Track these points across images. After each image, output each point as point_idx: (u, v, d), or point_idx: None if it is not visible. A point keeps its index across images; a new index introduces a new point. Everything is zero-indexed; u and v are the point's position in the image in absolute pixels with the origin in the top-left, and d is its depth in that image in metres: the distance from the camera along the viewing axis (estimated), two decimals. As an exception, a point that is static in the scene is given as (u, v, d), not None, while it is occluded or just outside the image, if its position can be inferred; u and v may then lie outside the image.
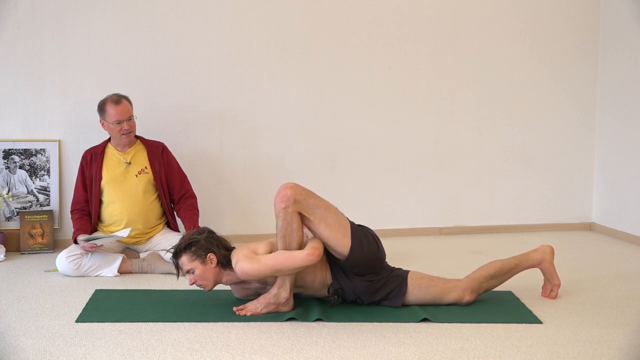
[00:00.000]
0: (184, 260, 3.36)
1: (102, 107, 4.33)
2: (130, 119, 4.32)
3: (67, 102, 4.79)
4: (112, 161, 4.38)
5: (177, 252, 3.38)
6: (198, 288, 3.53)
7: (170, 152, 4.53)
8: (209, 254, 3.36)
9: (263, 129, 5.07)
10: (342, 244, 3.36)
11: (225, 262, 3.37)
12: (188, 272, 3.38)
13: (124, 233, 4.13)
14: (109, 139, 4.44)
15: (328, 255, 3.47)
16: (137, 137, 4.48)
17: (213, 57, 4.95)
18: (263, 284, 3.46)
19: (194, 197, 4.52)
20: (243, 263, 3.30)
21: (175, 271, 3.46)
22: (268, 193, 4.65)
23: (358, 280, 3.44)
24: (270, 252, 3.35)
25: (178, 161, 4.58)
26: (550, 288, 3.64)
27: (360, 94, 5.18)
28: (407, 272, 3.52)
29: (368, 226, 3.58)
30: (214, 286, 3.42)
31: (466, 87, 5.32)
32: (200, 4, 4.91)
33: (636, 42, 5.01)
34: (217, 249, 3.37)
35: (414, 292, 3.45)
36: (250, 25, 4.99)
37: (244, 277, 3.33)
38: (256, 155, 5.08)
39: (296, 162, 5.13)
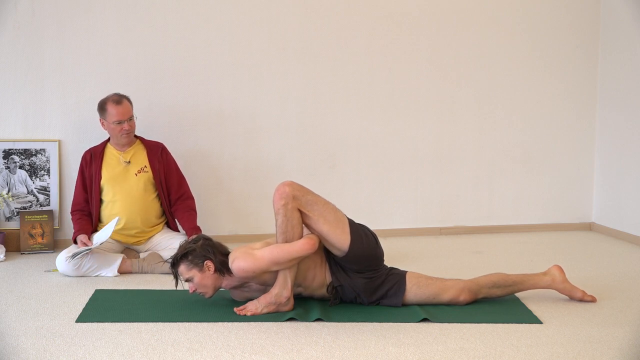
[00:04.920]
0: (182, 269, 3.37)
1: (102, 107, 4.32)
2: (130, 119, 4.33)
3: (67, 102, 4.79)
4: (112, 160, 4.38)
5: (175, 262, 3.39)
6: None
7: (169, 153, 4.53)
8: (205, 262, 3.35)
9: (263, 129, 5.07)
10: (341, 240, 3.37)
11: (223, 268, 3.37)
12: (187, 280, 3.39)
13: (111, 225, 4.09)
14: (109, 139, 4.44)
15: (327, 253, 3.48)
16: (136, 137, 4.49)
17: (213, 57, 4.95)
18: (263, 285, 3.46)
19: (191, 198, 4.53)
20: (239, 260, 3.31)
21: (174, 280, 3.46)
22: (268, 193, 4.63)
23: (357, 278, 3.45)
24: None
25: (178, 161, 4.59)
26: (580, 299, 3.60)
27: (360, 94, 5.18)
28: (405, 271, 3.54)
29: (367, 226, 3.59)
30: (214, 292, 3.43)
31: (466, 87, 5.32)
32: (200, 4, 4.91)
33: (636, 42, 5.01)
34: (214, 255, 3.37)
35: (413, 289, 3.46)
36: (251, 25, 4.99)
37: (242, 274, 3.33)
38: (256, 155, 5.08)
39: (296, 162, 5.13)
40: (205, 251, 3.37)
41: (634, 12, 5.02)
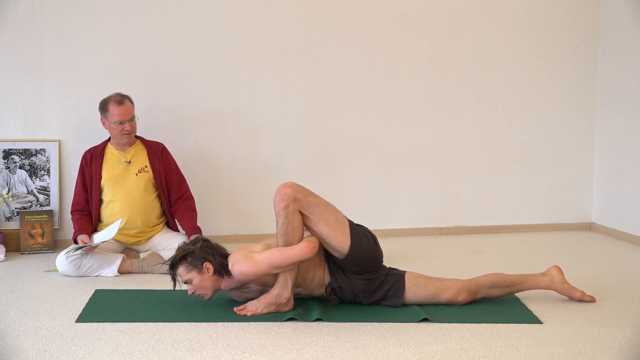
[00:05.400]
0: (181, 271, 3.37)
1: (104, 107, 4.32)
2: (132, 119, 4.33)
3: (67, 102, 4.79)
4: (112, 160, 4.38)
5: (173, 264, 3.38)
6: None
7: (170, 153, 4.53)
8: (205, 263, 3.35)
9: (263, 129, 5.07)
10: (341, 242, 3.37)
11: (222, 270, 3.37)
12: (186, 282, 3.38)
13: (115, 226, 4.10)
14: (109, 139, 4.44)
15: (326, 254, 3.48)
16: (137, 137, 4.48)
17: (213, 57, 4.95)
18: (262, 286, 3.46)
19: (191, 198, 4.52)
20: (240, 264, 3.30)
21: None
22: (268, 193, 4.64)
23: (356, 279, 3.45)
24: None
25: (178, 161, 4.59)
26: (579, 300, 3.60)
27: (360, 94, 5.18)
28: (403, 272, 3.54)
29: (367, 226, 3.59)
30: (213, 294, 3.43)
31: (466, 87, 5.32)
32: (200, 4, 4.91)
33: (636, 42, 5.01)
34: (213, 257, 3.37)
35: (412, 290, 3.46)
36: (251, 25, 4.99)
37: (242, 277, 3.33)
38: (256, 155, 5.08)
39: (296, 162, 5.13)
40: (204, 253, 3.37)
41: (634, 12, 5.02)
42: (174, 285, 3.42)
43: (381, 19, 5.15)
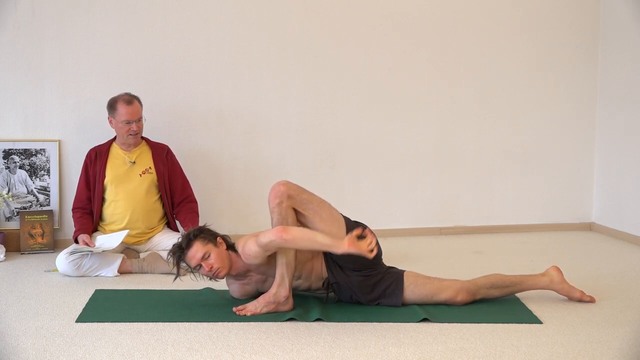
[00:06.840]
0: (198, 247, 3.32)
1: (112, 105, 4.32)
2: (139, 120, 4.33)
3: (67, 102, 4.79)
4: (117, 160, 4.38)
5: (188, 242, 3.33)
6: (210, 280, 3.45)
7: (174, 156, 4.53)
8: (218, 237, 3.40)
9: (263, 129, 5.07)
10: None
11: (232, 246, 3.42)
12: (202, 258, 3.31)
13: (120, 238, 4.11)
14: (114, 138, 4.44)
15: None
16: (142, 137, 4.48)
17: (213, 57, 4.95)
18: (264, 275, 3.46)
19: (194, 202, 4.52)
20: (248, 244, 3.33)
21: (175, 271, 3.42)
22: (268, 193, 4.64)
23: (354, 275, 3.45)
24: None
25: (179, 162, 4.59)
26: (578, 299, 3.60)
27: (360, 94, 5.18)
28: (402, 271, 3.55)
29: (364, 223, 3.59)
30: (228, 271, 3.39)
31: (466, 87, 5.32)
32: (200, 4, 4.91)
33: (636, 42, 5.01)
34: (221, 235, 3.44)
35: (410, 288, 3.46)
36: (251, 25, 4.99)
37: (248, 259, 3.34)
38: (256, 155, 5.08)
39: (296, 162, 5.13)
40: (213, 231, 3.43)
41: (634, 12, 5.03)
42: (176, 275, 3.38)
43: (381, 19, 5.15)
